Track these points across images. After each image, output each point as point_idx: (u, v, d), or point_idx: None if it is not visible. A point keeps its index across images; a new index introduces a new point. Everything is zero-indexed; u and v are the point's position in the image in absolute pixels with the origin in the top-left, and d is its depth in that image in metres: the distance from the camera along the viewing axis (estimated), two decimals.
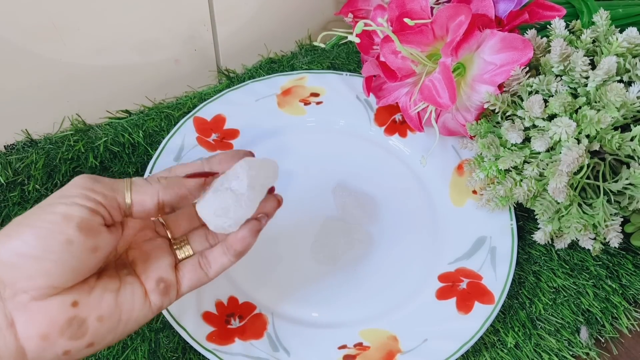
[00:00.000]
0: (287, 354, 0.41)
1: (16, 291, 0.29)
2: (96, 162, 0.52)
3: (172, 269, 0.36)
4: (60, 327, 0.30)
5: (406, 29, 0.45)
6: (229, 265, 0.36)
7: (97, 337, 0.31)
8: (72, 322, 0.30)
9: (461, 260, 0.48)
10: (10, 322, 0.29)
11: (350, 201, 0.49)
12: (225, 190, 0.35)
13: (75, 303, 0.30)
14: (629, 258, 0.49)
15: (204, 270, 0.36)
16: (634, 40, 0.42)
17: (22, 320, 0.29)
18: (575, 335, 0.45)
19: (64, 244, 0.29)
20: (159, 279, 0.34)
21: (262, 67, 0.61)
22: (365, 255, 0.48)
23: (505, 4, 0.45)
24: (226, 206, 0.35)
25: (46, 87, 0.52)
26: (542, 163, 0.43)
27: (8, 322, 0.29)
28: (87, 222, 0.30)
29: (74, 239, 0.29)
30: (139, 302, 0.33)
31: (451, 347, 0.42)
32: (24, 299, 0.29)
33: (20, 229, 0.29)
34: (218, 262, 0.36)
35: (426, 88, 0.45)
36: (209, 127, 0.53)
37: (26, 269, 0.29)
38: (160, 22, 0.53)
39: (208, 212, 0.35)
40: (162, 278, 0.35)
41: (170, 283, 0.35)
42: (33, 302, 0.29)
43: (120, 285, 0.33)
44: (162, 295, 0.34)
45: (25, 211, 0.48)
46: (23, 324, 0.29)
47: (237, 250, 0.36)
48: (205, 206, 0.35)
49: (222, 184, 0.35)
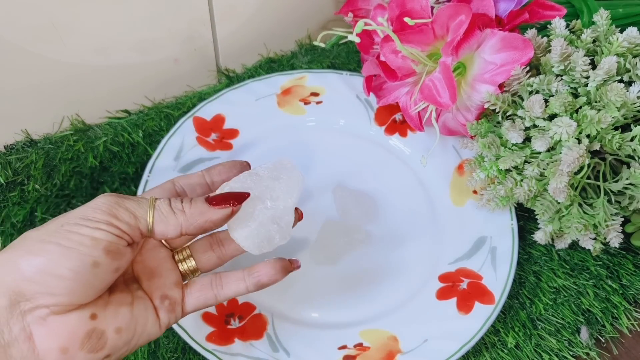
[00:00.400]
0: (287, 354, 0.41)
1: (36, 305, 0.29)
2: (96, 162, 0.52)
3: (176, 285, 0.35)
4: (81, 340, 0.30)
5: (406, 28, 0.45)
6: (244, 293, 0.36)
7: (114, 349, 0.31)
8: (92, 334, 0.30)
9: (461, 260, 0.47)
10: (29, 335, 0.29)
11: (350, 201, 0.49)
12: (269, 220, 0.34)
13: (94, 316, 0.30)
14: (629, 258, 0.49)
15: (214, 292, 0.35)
16: (634, 40, 0.42)
17: (41, 334, 0.29)
18: (575, 336, 0.45)
19: (90, 266, 0.29)
20: (163, 296, 0.34)
21: (261, 66, 0.61)
22: (365, 255, 0.48)
23: (505, 4, 0.45)
24: (271, 237, 0.34)
25: (46, 87, 0.52)
26: (543, 163, 0.43)
27: (26, 335, 0.29)
28: (114, 246, 0.30)
29: (101, 262, 0.30)
30: (152, 316, 0.33)
31: (451, 348, 0.42)
32: (43, 313, 0.29)
33: (45, 246, 0.29)
34: (232, 287, 0.35)
35: (426, 87, 0.45)
36: (209, 127, 0.53)
37: (50, 286, 0.29)
38: (159, 22, 0.53)
39: (251, 244, 0.34)
40: (166, 295, 0.34)
41: (175, 300, 0.35)
42: (53, 316, 0.29)
43: (133, 299, 0.33)
44: (168, 312, 0.34)
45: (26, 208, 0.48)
46: (42, 338, 0.29)
47: (261, 282, 0.35)
48: (248, 237, 0.34)
49: (262, 210, 0.34)
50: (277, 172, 0.36)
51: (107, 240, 0.30)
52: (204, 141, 0.52)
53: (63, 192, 0.50)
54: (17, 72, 0.49)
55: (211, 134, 0.53)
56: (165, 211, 0.32)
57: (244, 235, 0.34)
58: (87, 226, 0.30)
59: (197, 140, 0.52)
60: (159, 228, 0.31)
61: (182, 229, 0.32)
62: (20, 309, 0.29)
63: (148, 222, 0.31)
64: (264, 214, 0.34)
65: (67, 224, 0.30)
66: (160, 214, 0.31)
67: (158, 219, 0.31)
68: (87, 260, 0.29)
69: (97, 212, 0.30)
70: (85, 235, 0.29)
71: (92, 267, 0.29)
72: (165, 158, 0.50)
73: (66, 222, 0.30)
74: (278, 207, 0.35)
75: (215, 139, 0.53)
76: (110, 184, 0.51)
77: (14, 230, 0.47)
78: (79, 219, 0.30)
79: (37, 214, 0.48)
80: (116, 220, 0.30)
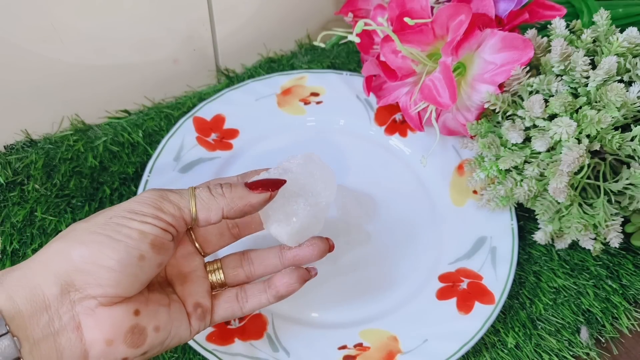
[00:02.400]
0: (287, 354, 0.41)
1: (85, 296, 0.30)
2: (96, 162, 0.51)
3: (208, 294, 0.36)
4: (124, 333, 0.31)
5: (406, 28, 0.45)
6: (266, 305, 0.37)
7: (151, 346, 0.32)
8: (135, 329, 0.31)
9: (461, 260, 0.47)
10: (77, 325, 0.30)
11: (350, 201, 0.49)
12: (308, 210, 0.35)
13: (137, 312, 0.31)
14: (629, 258, 0.49)
15: (240, 304, 0.36)
16: (634, 40, 0.42)
17: (90, 325, 0.30)
18: (575, 336, 0.45)
19: (137, 259, 0.30)
20: (196, 303, 0.35)
21: (261, 66, 0.61)
22: (366, 255, 0.48)
23: (505, 4, 0.45)
24: (308, 227, 0.35)
25: (45, 87, 0.52)
26: (543, 163, 0.43)
27: (75, 324, 0.30)
28: (160, 240, 0.31)
29: (146, 255, 0.31)
30: (185, 321, 0.34)
31: (451, 348, 0.42)
32: (92, 304, 0.30)
33: (95, 237, 0.30)
34: (256, 299, 0.36)
35: (426, 87, 0.45)
36: (209, 127, 0.53)
37: (99, 277, 0.30)
38: (159, 22, 0.53)
39: (292, 241, 0.35)
40: (199, 303, 0.35)
41: (207, 309, 0.36)
42: (100, 307, 0.30)
43: (170, 302, 0.34)
44: (199, 320, 0.35)
45: (26, 208, 0.48)
46: (90, 328, 0.30)
47: (280, 294, 0.36)
48: (291, 236, 0.35)
49: (303, 207, 0.35)
50: (310, 168, 0.37)
51: (153, 234, 0.31)
52: (204, 141, 0.52)
53: (63, 192, 0.50)
54: (17, 72, 0.49)
55: (211, 134, 0.53)
56: (206, 197, 0.33)
57: (282, 228, 0.35)
58: (135, 219, 0.31)
59: (197, 140, 0.52)
60: (202, 215, 0.33)
61: (224, 213, 0.33)
62: (70, 299, 0.30)
63: (191, 211, 0.32)
64: (306, 210, 0.35)
65: (116, 217, 0.31)
66: (202, 201, 0.33)
67: (200, 206, 0.32)
68: (135, 253, 0.30)
69: (144, 206, 0.31)
70: (133, 229, 0.30)
71: (138, 260, 0.30)
72: (165, 158, 0.50)
73: (114, 215, 0.31)
74: (320, 203, 0.36)
75: (215, 139, 0.53)
76: (110, 184, 0.51)
77: (14, 230, 0.47)
78: (127, 212, 0.31)
79: (37, 214, 0.48)
80: (162, 213, 0.32)
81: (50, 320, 0.29)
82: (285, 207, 0.35)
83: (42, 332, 0.29)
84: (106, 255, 0.30)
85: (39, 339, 0.29)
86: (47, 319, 0.29)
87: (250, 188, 0.33)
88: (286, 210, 0.35)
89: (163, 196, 0.32)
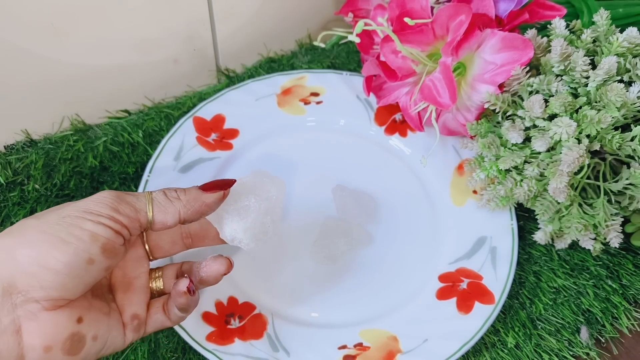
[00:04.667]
0: (287, 354, 0.41)
1: (28, 299, 0.29)
2: (96, 162, 0.51)
3: (146, 305, 0.36)
4: (64, 340, 0.30)
5: (406, 28, 0.45)
6: (181, 318, 0.36)
7: (87, 356, 0.31)
8: (75, 337, 0.30)
9: (461, 260, 0.47)
10: (17, 329, 0.29)
11: (350, 201, 0.49)
12: (264, 214, 0.36)
13: (80, 319, 0.31)
14: (629, 258, 0.49)
15: (167, 315, 0.36)
16: (634, 40, 0.42)
17: (30, 330, 0.29)
18: (575, 336, 0.45)
19: (86, 263, 0.30)
20: (134, 315, 0.35)
21: (261, 66, 0.61)
22: (365, 255, 0.48)
23: (505, 4, 0.45)
24: (262, 223, 0.36)
25: (45, 87, 0.52)
26: (543, 163, 0.43)
27: (15, 328, 0.29)
28: (111, 244, 0.31)
29: (96, 259, 0.30)
30: (121, 331, 0.34)
31: (451, 347, 0.42)
32: (34, 308, 0.29)
33: (45, 238, 0.29)
34: (172, 311, 0.36)
35: (426, 88, 0.45)
36: (209, 127, 0.53)
37: (42, 279, 0.29)
38: (159, 22, 0.53)
39: (249, 236, 0.36)
40: (136, 314, 0.35)
41: (142, 320, 0.35)
42: (43, 312, 0.29)
43: (110, 310, 0.34)
44: (134, 332, 0.35)
45: (26, 208, 0.47)
46: (30, 333, 0.29)
47: (181, 304, 0.35)
48: (247, 230, 0.36)
49: (256, 206, 0.36)
50: (259, 177, 0.38)
51: (105, 238, 0.30)
52: (204, 141, 0.52)
53: (63, 192, 0.50)
54: (17, 72, 0.49)
55: (211, 134, 0.53)
56: (162, 201, 0.33)
57: (240, 227, 0.36)
58: (89, 220, 0.30)
59: (197, 140, 0.52)
60: (159, 217, 0.33)
61: (181, 215, 0.33)
62: (12, 301, 0.29)
63: (148, 213, 0.32)
64: (258, 204, 0.36)
65: (69, 216, 0.30)
66: (159, 204, 0.33)
67: (157, 209, 0.33)
68: (84, 257, 0.29)
69: (100, 205, 0.31)
70: (85, 230, 0.30)
71: (87, 263, 0.30)
72: (165, 158, 0.50)
73: (68, 214, 0.30)
74: (271, 198, 0.37)
75: (215, 139, 0.53)
76: (110, 184, 0.51)
77: None
78: (81, 212, 0.30)
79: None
80: (117, 214, 0.31)
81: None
82: (238, 205, 0.36)
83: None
84: (53, 257, 0.29)
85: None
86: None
87: (204, 189, 0.34)
88: (238, 208, 0.36)
89: (120, 197, 0.32)
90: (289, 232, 0.48)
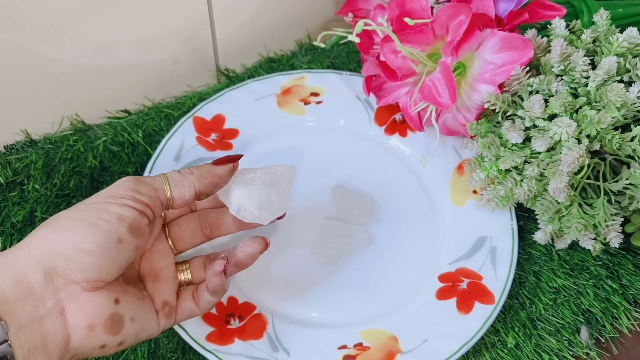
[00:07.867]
0: (287, 354, 0.41)
1: (68, 281, 0.31)
2: (96, 162, 0.51)
3: (175, 293, 0.38)
4: (105, 320, 0.32)
5: (406, 28, 0.45)
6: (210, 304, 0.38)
7: (126, 336, 0.33)
8: (114, 317, 0.32)
9: (461, 260, 0.47)
10: (61, 310, 0.31)
11: (350, 201, 0.49)
12: (269, 185, 0.38)
13: (117, 300, 0.33)
14: (629, 258, 0.49)
15: (196, 303, 0.38)
16: (634, 40, 0.42)
17: (73, 310, 0.31)
18: (575, 336, 0.45)
19: (116, 242, 0.32)
20: (164, 302, 0.37)
21: (261, 66, 0.61)
22: (365, 255, 0.48)
23: (505, 4, 0.45)
24: (271, 201, 0.38)
25: (45, 86, 0.52)
26: (543, 163, 0.43)
27: (59, 309, 0.31)
28: (137, 224, 0.33)
29: (124, 239, 0.32)
30: (154, 317, 0.36)
31: (451, 348, 0.42)
32: (75, 290, 0.31)
33: (76, 223, 0.32)
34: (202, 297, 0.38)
35: (426, 87, 0.45)
36: (209, 127, 0.53)
37: (81, 262, 0.31)
38: (159, 22, 0.53)
39: (253, 203, 0.38)
40: (167, 302, 0.37)
41: (173, 307, 0.37)
42: (84, 293, 0.31)
43: (143, 296, 0.36)
44: (166, 318, 0.37)
45: (26, 208, 0.48)
46: (74, 314, 0.31)
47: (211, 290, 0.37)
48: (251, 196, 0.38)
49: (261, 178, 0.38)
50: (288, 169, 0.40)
51: (131, 218, 0.33)
52: (204, 141, 0.52)
53: (63, 192, 0.50)
54: (17, 72, 0.49)
55: (211, 134, 0.53)
56: (177, 177, 0.36)
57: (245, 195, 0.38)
58: (114, 203, 0.33)
59: (197, 140, 0.52)
60: (177, 192, 0.35)
61: (196, 187, 0.36)
62: (54, 285, 0.31)
63: (166, 190, 0.35)
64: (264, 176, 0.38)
65: (96, 202, 0.33)
66: (174, 180, 0.35)
67: (173, 185, 0.35)
68: (113, 237, 0.32)
69: (123, 189, 0.33)
70: (112, 213, 0.32)
71: (117, 243, 0.32)
72: (165, 158, 0.50)
73: (95, 201, 0.33)
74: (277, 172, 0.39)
75: (215, 139, 0.53)
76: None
77: (14, 230, 0.47)
78: (107, 197, 0.33)
79: (37, 214, 0.48)
80: (139, 194, 0.34)
81: (35, 306, 0.30)
82: (244, 177, 0.38)
83: (27, 317, 0.30)
84: (86, 240, 0.31)
85: (25, 323, 0.29)
86: (32, 304, 0.30)
87: (215, 164, 0.37)
88: (244, 179, 0.38)
89: (139, 180, 0.35)
90: (289, 231, 0.48)
